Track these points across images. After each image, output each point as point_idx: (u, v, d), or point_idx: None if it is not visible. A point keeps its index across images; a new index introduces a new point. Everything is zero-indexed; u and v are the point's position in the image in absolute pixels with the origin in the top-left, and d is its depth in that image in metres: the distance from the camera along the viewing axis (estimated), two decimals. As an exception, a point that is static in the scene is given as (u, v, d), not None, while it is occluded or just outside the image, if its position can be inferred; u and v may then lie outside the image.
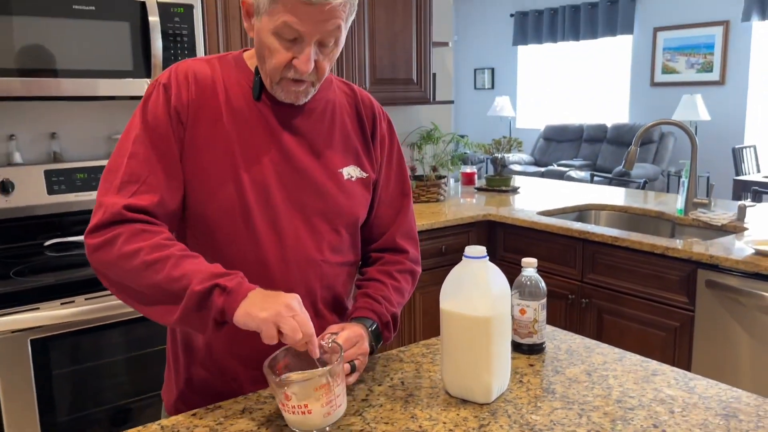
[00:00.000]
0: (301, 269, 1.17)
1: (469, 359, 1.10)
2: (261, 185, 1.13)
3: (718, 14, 6.94)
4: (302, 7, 1.02)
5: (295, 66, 1.08)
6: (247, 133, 1.14)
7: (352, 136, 1.25)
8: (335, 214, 1.20)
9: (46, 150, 2.40)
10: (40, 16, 1.99)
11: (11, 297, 1.81)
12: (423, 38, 2.99)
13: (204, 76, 1.15)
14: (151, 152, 1.09)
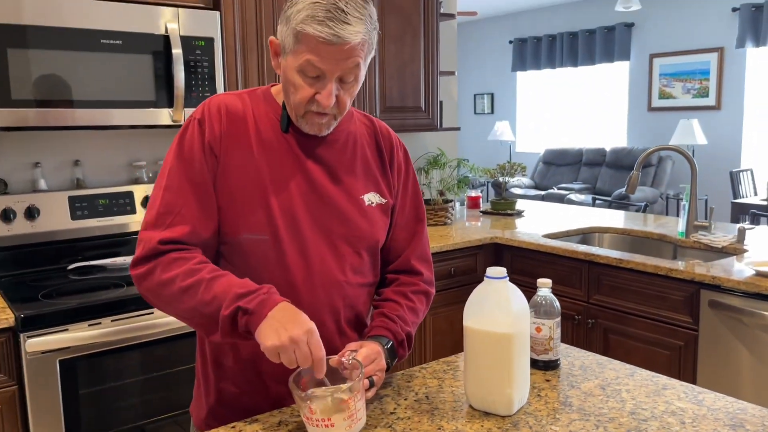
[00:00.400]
0: (326, 290, 1.24)
1: (492, 374, 1.17)
2: (289, 211, 1.21)
3: (712, 41, 7.10)
4: (323, 47, 1.10)
5: (317, 101, 1.16)
6: (275, 163, 1.22)
7: (372, 164, 1.33)
8: (357, 237, 1.27)
9: (69, 177, 2.49)
10: (71, 50, 2.09)
11: (41, 319, 1.88)
12: (430, 68, 3.10)
13: (235, 109, 1.24)
14: (186, 184, 1.18)
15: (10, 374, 1.86)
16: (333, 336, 1.26)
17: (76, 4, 2.09)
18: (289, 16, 1.13)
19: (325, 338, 1.18)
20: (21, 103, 2.02)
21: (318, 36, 1.09)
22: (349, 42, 1.10)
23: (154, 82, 2.26)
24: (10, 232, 2.27)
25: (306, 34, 1.10)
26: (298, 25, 1.11)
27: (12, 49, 2.00)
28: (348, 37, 1.10)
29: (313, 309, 1.18)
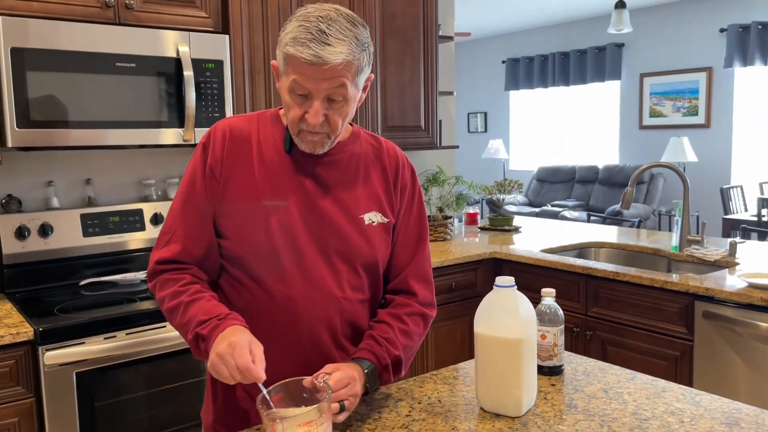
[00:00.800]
0: (323, 306, 1.28)
1: (502, 377, 1.24)
2: (288, 229, 1.26)
3: (701, 61, 7.27)
4: (306, 67, 1.15)
5: (306, 120, 1.21)
6: (276, 182, 1.28)
7: (375, 183, 1.36)
8: (354, 256, 1.30)
9: (81, 195, 2.56)
10: (87, 72, 2.17)
11: (59, 332, 1.93)
12: (430, 88, 3.20)
13: (240, 132, 1.31)
14: (184, 207, 1.30)
15: (28, 387, 1.91)
16: (330, 350, 1.30)
17: (93, 29, 2.18)
18: (280, 40, 1.20)
19: (322, 352, 1.28)
20: (39, 123, 2.10)
21: (300, 57, 1.14)
22: (329, 62, 1.14)
23: (165, 103, 2.34)
24: (24, 249, 2.33)
25: (291, 55, 1.16)
26: (285, 48, 1.18)
27: (31, 72, 2.07)
28: (328, 57, 1.14)
29: (310, 324, 1.26)
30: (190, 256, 1.28)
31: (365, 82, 1.27)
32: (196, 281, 1.27)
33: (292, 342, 1.28)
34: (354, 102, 1.25)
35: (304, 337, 1.28)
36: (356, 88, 1.23)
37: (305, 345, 1.28)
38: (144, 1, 2.32)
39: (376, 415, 1.27)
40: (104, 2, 2.24)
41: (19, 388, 1.89)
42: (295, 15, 1.19)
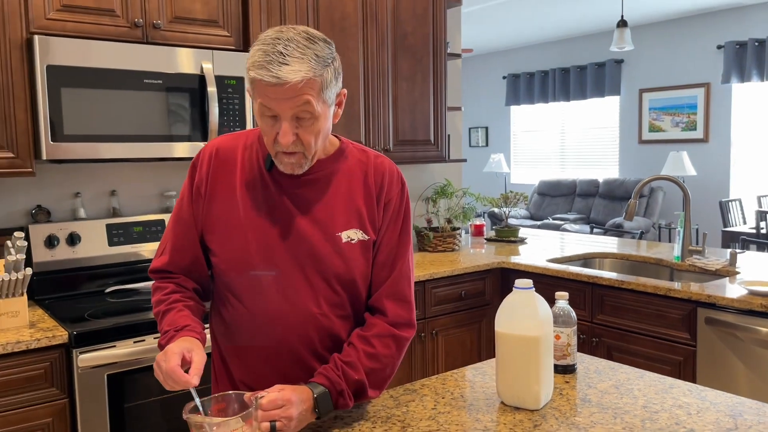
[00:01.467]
0: (300, 321, 1.32)
1: (522, 372, 1.34)
2: (265, 246, 1.31)
3: (699, 77, 7.42)
4: (269, 89, 1.16)
5: (278, 141, 1.22)
6: (256, 200, 1.32)
7: (358, 200, 1.35)
8: (331, 273, 1.32)
9: (106, 206, 2.66)
10: (118, 89, 2.28)
11: (93, 335, 2.02)
12: (439, 104, 3.32)
13: (226, 151, 1.36)
14: (174, 222, 1.40)
15: (62, 388, 2.00)
16: (311, 363, 1.33)
17: (122, 47, 2.29)
18: (246, 67, 1.22)
19: (302, 365, 1.34)
20: (71, 137, 2.20)
21: (261, 80, 1.15)
22: (288, 81, 1.14)
23: (189, 117, 2.44)
24: (53, 257, 2.42)
25: (253, 79, 1.17)
26: (249, 73, 1.19)
27: (65, 88, 2.18)
28: (286, 77, 1.14)
29: (287, 338, 1.32)
30: (177, 267, 1.39)
31: (338, 97, 1.28)
32: (178, 290, 1.37)
33: (272, 355, 1.34)
34: (325, 119, 1.24)
35: (282, 351, 1.33)
36: (324, 103, 1.22)
37: (284, 358, 1.33)
38: (170, 21, 2.43)
39: (404, 408, 1.37)
40: (133, 22, 2.35)
41: (54, 389, 1.98)
42: (258, 39, 1.21)
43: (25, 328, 2.03)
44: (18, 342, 1.90)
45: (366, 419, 1.31)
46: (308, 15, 2.81)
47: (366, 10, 3.00)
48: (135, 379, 2.09)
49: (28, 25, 2.17)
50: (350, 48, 2.95)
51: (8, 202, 2.46)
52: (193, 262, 1.39)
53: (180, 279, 1.39)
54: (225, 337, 1.40)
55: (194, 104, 2.45)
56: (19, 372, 1.92)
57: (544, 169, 9.33)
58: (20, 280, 2.04)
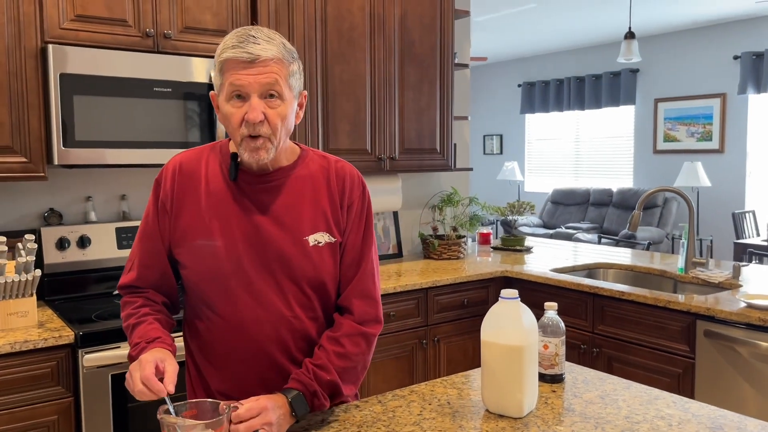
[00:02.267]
0: (273, 325, 1.36)
1: (505, 381, 1.36)
2: (234, 255, 1.34)
3: (715, 87, 7.38)
4: (240, 66, 1.25)
5: (246, 120, 1.26)
6: (222, 211, 1.36)
7: (323, 204, 1.40)
8: (300, 276, 1.36)
9: (116, 210, 2.73)
10: (128, 97, 2.34)
11: (98, 336, 2.08)
12: (445, 113, 3.35)
13: (189, 166, 1.39)
14: (140, 239, 1.43)
15: (68, 387, 2.06)
16: (286, 366, 1.37)
17: (134, 56, 2.36)
18: (216, 58, 1.30)
19: (278, 369, 1.37)
20: (83, 143, 2.27)
21: (233, 57, 1.25)
22: (259, 56, 1.25)
23: (197, 125, 2.51)
24: (64, 259, 2.49)
25: (225, 60, 1.26)
26: (219, 57, 1.28)
27: (77, 96, 2.25)
28: (257, 52, 1.24)
29: (262, 343, 1.36)
30: (145, 282, 1.42)
31: (300, 95, 1.36)
32: (147, 304, 1.40)
33: (248, 361, 1.37)
34: (290, 106, 1.31)
35: (259, 356, 1.37)
36: (290, 90, 1.30)
37: (261, 363, 1.37)
38: (181, 31, 2.50)
39: (390, 413, 1.40)
40: (145, 32, 2.42)
41: (59, 387, 2.04)
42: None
43: (33, 328, 2.10)
44: (26, 341, 1.97)
45: (352, 423, 1.35)
46: (316, 25, 2.86)
47: (374, 20, 3.05)
48: (138, 379, 2.14)
49: (42, 35, 2.24)
50: (357, 58, 3.00)
51: (22, 205, 2.54)
52: (161, 277, 1.42)
53: (149, 293, 1.42)
54: (201, 348, 1.43)
55: (202, 112, 2.51)
56: (27, 370, 1.98)
57: (557, 177, 9.31)
58: (30, 281, 2.11)
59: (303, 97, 1.38)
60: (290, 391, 1.30)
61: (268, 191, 1.37)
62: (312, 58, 2.86)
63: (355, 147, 3.03)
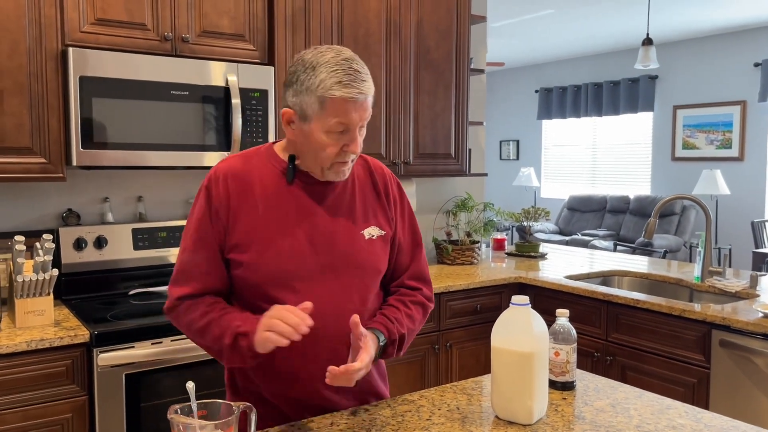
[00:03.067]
0: (337, 319, 1.38)
1: (515, 387, 1.36)
2: (297, 253, 1.38)
3: (735, 94, 7.30)
4: (350, 105, 1.30)
5: (347, 151, 1.34)
6: (281, 212, 1.39)
7: (370, 200, 1.49)
8: (361, 270, 1.43)
9: (133, 211, 2.76)
10: (146, 99, 2.37)
11: (112, 336, 2.11)
12: (460, 119, 3.35)
13: (240, 171, 1.41)
14: (195, 248, 1.39)
15: (83, 385, 2.08)
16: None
17: (152, 60, 2.39)
18: (309, 87, 1.30)
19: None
20: (101, 145, 2.30)
21: (346, 97, 1.29)
22: (367, 95, 1.33)
23: (214, 128, 2.53)
24: (81, 259, 2.53)
25: (333, 98, 1.28)
26: (326, 93, 1.28)
27: (96, 98, 2.29)
28: (367, 91, 1.32)
29: (329, 339, 1.38)
30: (206, 289, 1.39)
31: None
32: (218, 300, 1.39)
33: (314, 358, 1.39)
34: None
35: (324, 352, 1.39)
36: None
37: (323, 357, 1.38)
38: (198, 35, 2.53)
39: (399, 418, 1.40)
40: (163, 36, 2.45)
41: (74, 386, 2.07)
42: (316, 63, 1.30)
43: (50, 327, 2.13)
44: (42, 339, 2.00)
45: (361, 427, 1.35)
46: (332, 31, 2.88)
47: (390, 26, 3.06)
48: (152, 379, 2.17)
49: (63, 38, 2.28)
50: (373, 63, 3.01)
51: (40, 206, 2.58)
52: (219, 280, 1.41)
53: (207, 297, 1.40)
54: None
55: (219, 115, 2.54)
56: (43, 369, 2.01)
57: (574, 183, 9.26)
58: (47, 281, 2.14)
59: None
60: (378, 332, 1.40)
61: (322, 191, 1.43)
62: (328, 62, 2.87)
63: (369, 151, 3.03)
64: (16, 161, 2.22)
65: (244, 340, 1.31)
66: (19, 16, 2.19)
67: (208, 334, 1.35)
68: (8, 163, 2.21)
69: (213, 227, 1.38)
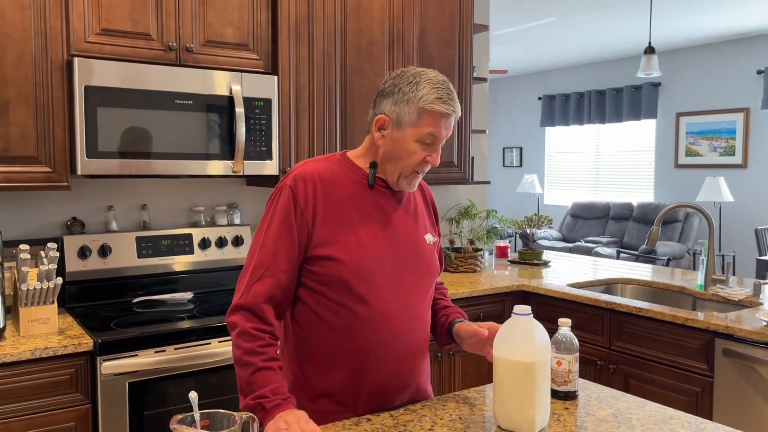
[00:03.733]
0: (412, 318, 1.53)
1: (517, 397, 1.36)
2: (378, 252, 1.49)
3: (738, 101, 7.30)
4: (444, 119, 1.45)
5: (428, 161, 1.49)
6: (365, 214, 1.51)
7: (424, 211, 1.65)
8: (427, 270, 1.58)
9: (137, 219, 2.77)
10: (150, 109, 2.39)
11: (116, 344, 2.11)
12: (463, 127, 3.36)
13: (322, 174, 1.50)
14: (277, 244, 1.45)
15: (86, 394, 2.09)
16: (416, 357, 1.55)
17: (156, 69, 2.40)
18: (410, 98, 1.44)
19: (411, 359, 1.54)
20: (106, 154, 2.32)
21: (444, 112, 1.44)
22: (458, 114, 1.48)
23: (217, 137, 2.54)
24: (85, 267, 2.54)
25: (433, 111, 1.43)
26: (427, 105, 1.43)
27: (101, 107, 2.30)
28: (458, 110, 1.47)
29: (403, 334, 1.50)
30: (280, 288, 1.44)
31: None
32: (272, 344, 1.42)
33: (387, 353, 1.49)
34: None
35: (397, 348, 1.49)
36: None
37: (398, 354, 1.50)
38: (203, 45, 2.55)
39: (402, 428, 1.41)
40: (168, 45, 2.47)
41: (78, 394, 2.08)
42: (419, 79, 1.45)
43: (54, 335, 2.14)
44: (46, 348, 2.00)
45: (364, 436, 1.36)
46: (336, 40, 2.89)
47: (393, 35, 3.08)
48: (155, 387, 2.17)
49: (68, 48, 2.30)
50: (376, 72, 3.02)
51: (45, 214, 2.59)
52: (292, 281, 1.47)
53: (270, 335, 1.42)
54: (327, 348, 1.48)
55: (222, 124, 2.55)
56: (46, 377, 2.02)
57: (577, 190, 9.26)
58: (51, 289, 2.15)
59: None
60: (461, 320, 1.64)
61: (396, 198, 1.57)
62: (331, 71, 2.89)
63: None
64: (22, 170, 2.24)
65: (261, 412, 1.35)
66: (26, 27, 2.21)
67: (243, 371, 1.39)
68: (14, 172, 2.22)
69: (298, 225, 1.46)
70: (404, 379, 1.53)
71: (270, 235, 1.46)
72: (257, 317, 1.43)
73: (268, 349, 1.41)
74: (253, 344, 1.40)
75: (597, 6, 6.01)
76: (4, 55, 2.18)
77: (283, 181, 1.50)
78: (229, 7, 2.60)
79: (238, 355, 1.41)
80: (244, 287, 1.45)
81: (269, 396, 1.36)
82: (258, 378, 1.38)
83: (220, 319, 2.35)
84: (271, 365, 1.40)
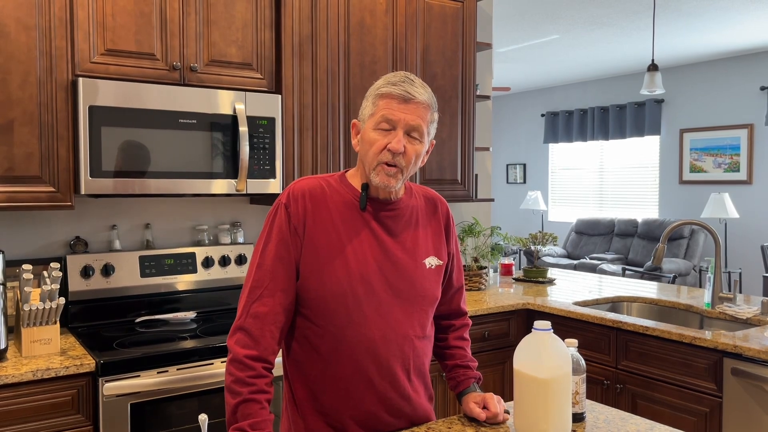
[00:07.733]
0: (399, 345, 1.47)
1: (533, 411, 1.36)
2: (365, 277, 1.45)
3: (742, 118, 7.30)
4: (395, 103, 1.41)
5: (390, 150, 1.40)
6: (353, 236, 1.47)
7: (430, 231, 1.58)
8: (422, 297, 1.51)
9: (140, 238, 2.77)
10: (154, 128, 2.39)
11: (118, 365, 2.10)
12: (467, 144, 3.36)
13: (317, 192, 1.48)
14: (275, 263, 1.44)
15: (88, 415, 2.07)
16: (405, 385, 1.49)
17: (160, 89, 2.41)
18: (370, 92, 1.46)
19: (398, 387, 1.48)
20: (109, 173, 2.32)
21: (392, 93, 1.40)
22: (414, 98, 1.41)
23: (221, 156, 2.54)
24: (88, 287, 2.53)
25: (383, 94, 1.41)
26: (378, 90, 1.42)
27: (105, 127, 2.31)
28: (414, 92, 1.41)
29: (388, 362, 1.45)
30: (281, 307, 1.43)
31: (430, 142, 1.50)
32: (263, 375, 1.39)
33: (372, 380, 1.45)
34: (424, 149, 1.47)
35: (383, 374, 1.45)
36: (427, 136, 1.46)
37: (384, 381, 1.46)
38: (207, 64, 2.56)
39: (407, 451, 1.38)
40: (171, 65, 2.48)
41: (80, 416, 2.06)
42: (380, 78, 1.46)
43: (56, 356, 2.12)
44: (48, 369, 1.99)
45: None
46: (339, 59, 2.90)
47: (396, 53, 3.09)
48: (157, 409, 2.15)
49: (73, 68, 2.31)
50: (380, 90, 3.03)
51: (49, 233, 2.59)
52: (292, 302, 1.45)
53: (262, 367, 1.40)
54: (316, 372, 1.47)
55: (226, 143, 2.55)
56: (48, 398, 2.00)
57: (581, 207, 9.24)
58: (53, 309, 2.14)
59: (431, 145, 1.52)
60: (474, 386, 1.61)
61: (392, 218, 1.51)
62: (335, 90, 2.90)
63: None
64: (26, 190, 2.24)
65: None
66: (31, 47, 2.22)
67: (231, 398, 1.37)
68: (17, 191, 2.22)
69: (293, 242, 1.44)
70: (395, 403, 1.49)
71: (267, 255, 1.45)
72: (253, 340, 1.40)
73: (257, 381, 1.38)
74: (244, 374, 1.38)
75: (599, 23, 6.04)
76: (9, 75, 2.19)
77: (279, 198, 1.49)
78: (233, 26, 2.61)
79: (228, 383, 1.40)
80: (242, 308, 1.43)
81: (248, 431, 1.34)
82: (243, 409, 1.36)
83: (223, 338, 2.33)
84: (257, 398, 1.37)
